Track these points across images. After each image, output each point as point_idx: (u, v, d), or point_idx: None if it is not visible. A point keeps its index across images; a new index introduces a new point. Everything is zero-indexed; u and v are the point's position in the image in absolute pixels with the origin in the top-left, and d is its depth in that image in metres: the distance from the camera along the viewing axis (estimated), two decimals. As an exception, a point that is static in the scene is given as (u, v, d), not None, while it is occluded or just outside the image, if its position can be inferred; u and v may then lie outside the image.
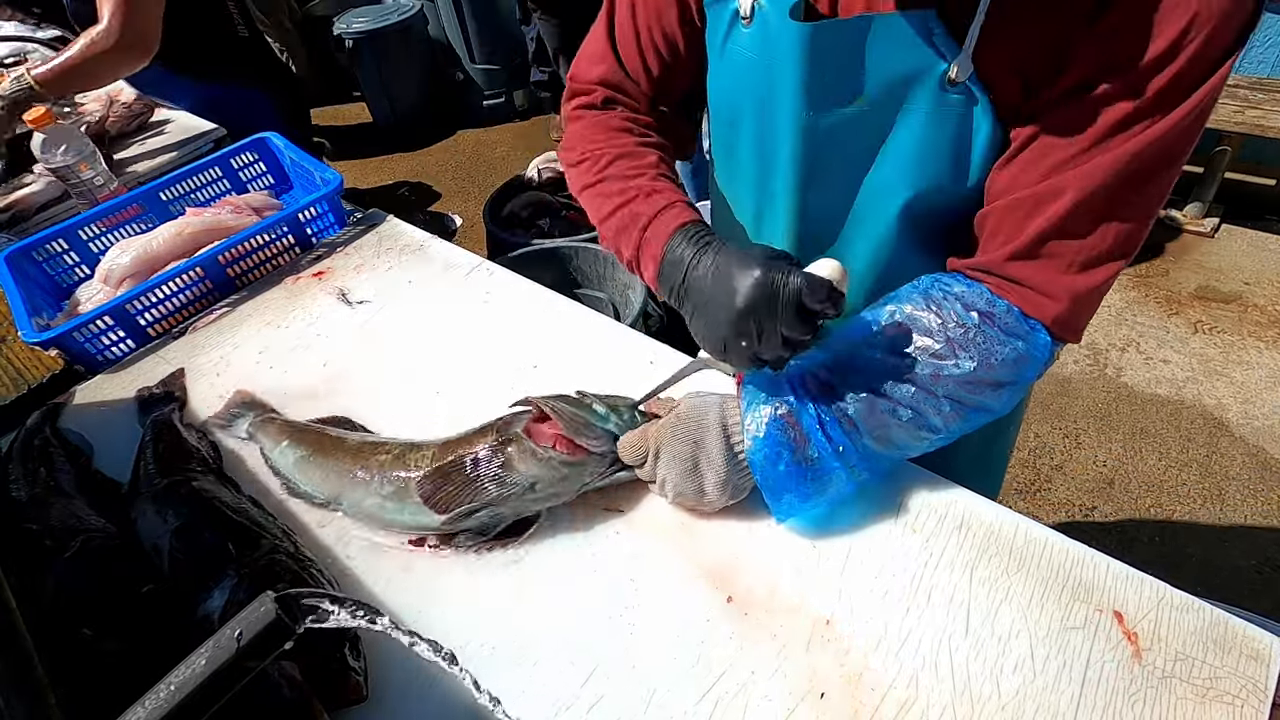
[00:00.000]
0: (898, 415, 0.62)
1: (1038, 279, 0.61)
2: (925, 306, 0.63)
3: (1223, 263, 2.56)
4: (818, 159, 0.70)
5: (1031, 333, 0.62)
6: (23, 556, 0.66)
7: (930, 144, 0.64)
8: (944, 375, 0.61)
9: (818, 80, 0.64)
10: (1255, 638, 0.59)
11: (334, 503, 0.76)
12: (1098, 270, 0.60)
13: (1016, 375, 0.62)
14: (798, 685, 0.59)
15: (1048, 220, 0.59)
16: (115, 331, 1.00)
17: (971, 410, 0.63)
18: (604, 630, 0.64)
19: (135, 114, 1.64)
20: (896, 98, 0.63)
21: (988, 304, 0.62)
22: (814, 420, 0.62)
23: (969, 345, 0.61)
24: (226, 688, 0.37)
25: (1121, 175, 0.56)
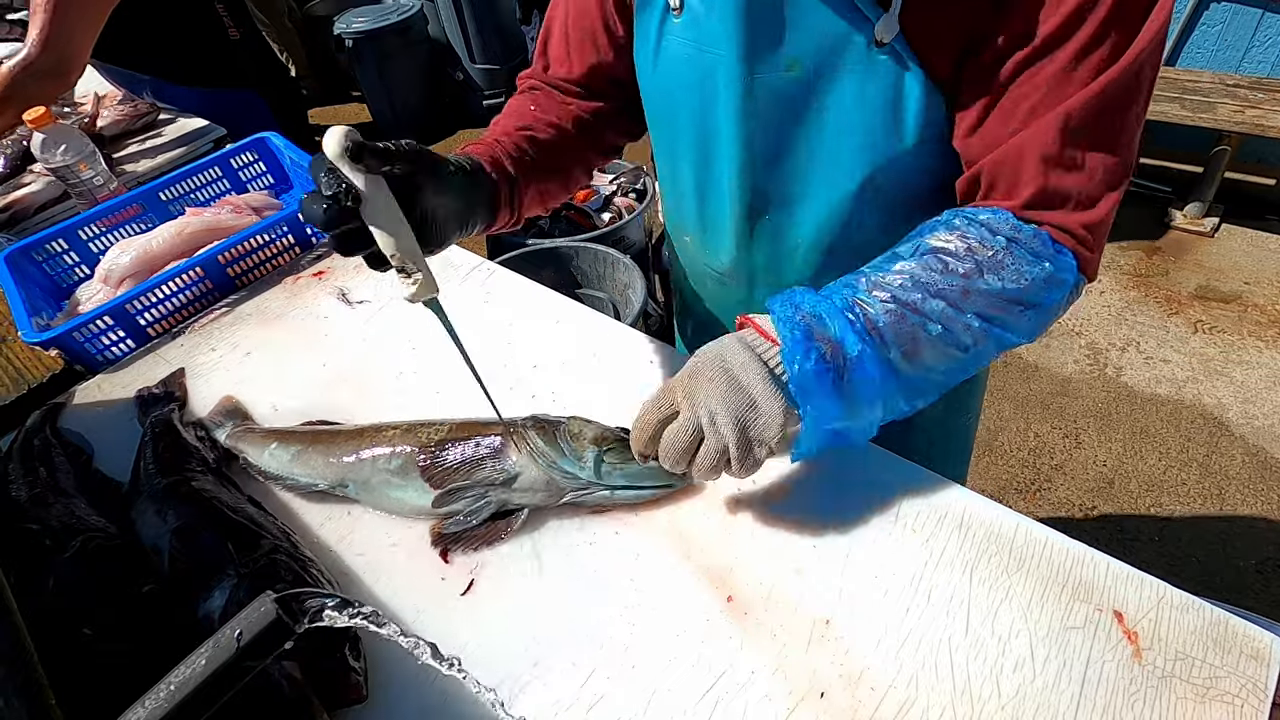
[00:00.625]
0: (928, 330, 0.60)
1: (1059, 221, 0.63)
2: (950, 233, 0.64)
3: (1223, 263, 2.56)
4: (761, 130, 0.72)
5: (1059, 255, 0.63)
6: (23, 556, 0.66)
7: (865, 106, 0.66)
8: (973, 291, 0.61)
9: (752, 47, 0.67)
10: (1255, 638, 0.59)
11: (338, 487, 0.76)
12: (1100, 204, 0.62)
13: (1044, 297, 0.63)
14: (798, 685, 0.59)
15: (1045, 159, 0.61)
16: (115, 331, 1.00)
17: (1000, 330, 0.63)
18: (604, 630, 0.64)
19: (140, 114, 1.64)
20: (829, 62, 0.65)
21: (1013, 228, 0.62)
22: (843, 322, 0.60)
23: (997, 265, 0.61)
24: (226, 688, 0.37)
25: (1100, 105, 0.58)
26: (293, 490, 0.78)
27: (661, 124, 0.82)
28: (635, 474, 0.70)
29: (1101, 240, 0.65)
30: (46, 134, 1.25)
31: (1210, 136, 2.51)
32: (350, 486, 0.76)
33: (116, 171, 1.46)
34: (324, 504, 0.77)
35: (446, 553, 0.71)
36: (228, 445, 0.84)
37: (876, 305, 0.61)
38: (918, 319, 0.60)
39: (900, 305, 0.60)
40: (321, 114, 4.43)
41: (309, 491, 0.78)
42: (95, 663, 0.58)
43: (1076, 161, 0.61)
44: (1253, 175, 2.79)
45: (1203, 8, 2.59)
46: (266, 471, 0.80)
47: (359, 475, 0.75)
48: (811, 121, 0.70)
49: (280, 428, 0.85)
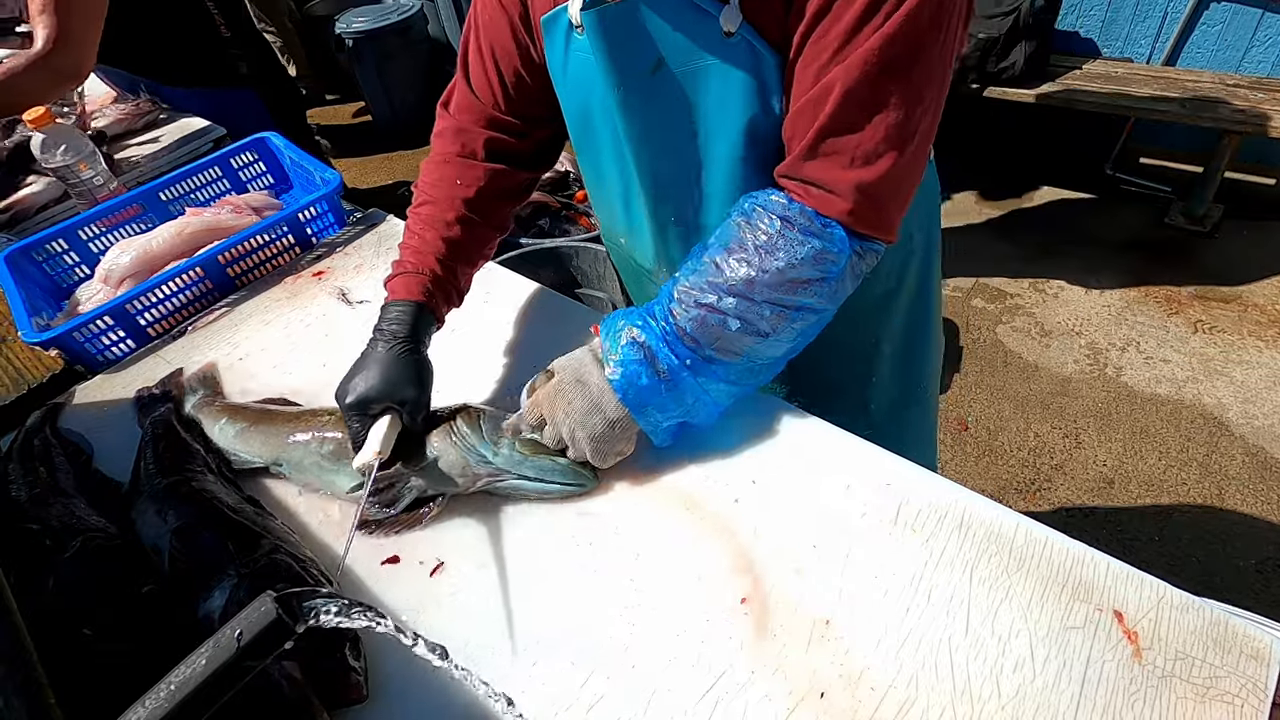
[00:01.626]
0: (727, 325, 0.67)
1: (824, 177, 0.66)
2: (740, 221, 0.69)
3: (1223, 262, 2.56)
4: (647, 130, 0.77)
5: (826, 229, 0.66)
6: (23, 556, 0.66)
7: (732, 92, 0.71)
8: (756, 281, 0.66)
9: (615, 56, 0.72)
10: (1255, 638, 0.59)
11: (274, 465, 0.79)
12: (879, 162, 0.64)
13: (823, 271, 0.67)
14: (798, 685, 0.59)
15: (823, 118, 0.64)
16: (115, 331, 1.00)
17: (794, 311, 0.68)
18: (604, 630, 0.64)
19: (142, 113, 1.64)
20: (687, 59, 0.70)
21: (783, 209, 0.67)
22: (659, 339, 0.68)
23: (773, 250, 0.66)
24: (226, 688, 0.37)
25: (876, 66, 0.61)
26: (237, 466, 0.81)
27: (580, 138, 0.86)
28: (544, 468, 0.72)
29: (885, 199, 0.67)
30: (46, 134, 1.25)
31: (1210, 136, 2.50)
32: (285, 466, 0.79)
33: (116, 171, 1.46)
34: (323, 503, 0.77)
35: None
36: (190, 414, 0.87)
37: (684, 314, 0.68)
38: (718, 318, 0.67)
39: (702, 309, 0.67)
40: (321, 114, 4.43)
41: (255, 468, 0.80)
42: (95, 663, 0.58)
43: (853, 122, 0.63)
44: (1253, 175, 2.78)
45: (1203, 8, 2.59)
46: (217, 445, 0.82)
47: (292, 457, 0.78)
48: (688, 116, 0.75)
49: (234, 404, 0.87)
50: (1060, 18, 2.75)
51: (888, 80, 0.62)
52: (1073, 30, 2.82)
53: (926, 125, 0.66)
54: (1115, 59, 2.78)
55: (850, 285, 0.71)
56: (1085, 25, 2.80)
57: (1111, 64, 2.73)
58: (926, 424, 1.17)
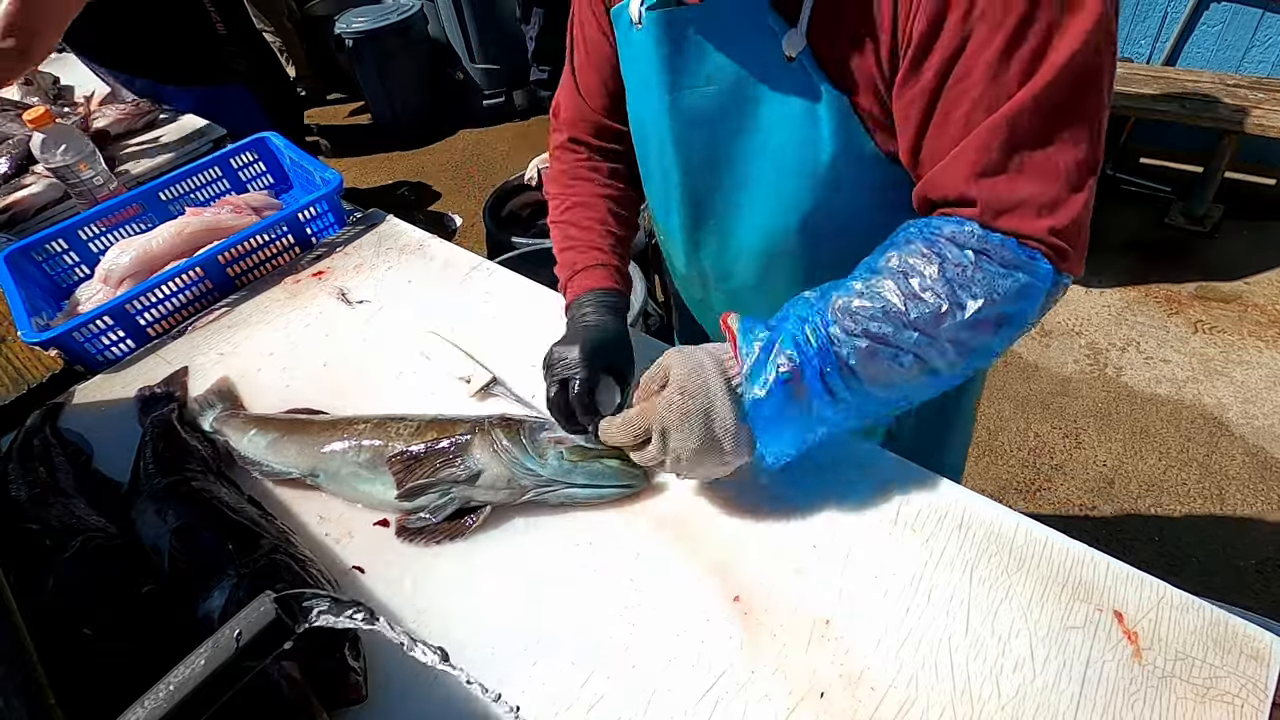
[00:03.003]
0: (900, 361, 0.60)
1: (1020, 228, 0.60)
2: (919, 251, 0.62)
3: (1223, 262, 2.56)
4: (692, 141, 0.75)
5: (1032, 261, 0.60)
6: (23, 556, 0.66)
7: (781, 121, 0.68)
8: (947, 316, 0.59)
9: (672, 63, 0.70)
10: (1255, 638, 0.59)
11: (310, 476, 0.78)
12: (1065, 207, 0.59)
13: (1020, 308, 0.61)
14: (798, 685, 0.59)
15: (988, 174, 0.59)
16: (115, 331, 1.00)
17: (973, 352, 0.62)
18: (604, 630, 0.64)
19: (142, 113, 1.64)
20: (743, 77, 0.68)
21: (980, 239, 0.60)
22: (816, 372, 0.61)
23: (969, 283, 0.59)
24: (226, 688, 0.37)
25: (1042, 107, 0.56)
26: (269, 477, 0.80)
27: (635, 132, 0.84)
28: (595, 473, 0.71)
29: (1078, 238, 0.61)
30: (46, 134, 1.25)
31: (1210, 136, 2.50)
32: (321, 476, 0.77)
33: (116, 171, 1.46)
34: (323, 503, 0.77)
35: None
36: (213, 429, 0.85)
37: (847, 344, 0.60)
38: (890, 353, 0.60)
39: (872, 340, 0.60)
40: (321, 114, 4.42)
41: (284, 479, 0.79)
42: (95, 663, 0.58)
43: (1027, 166, 0.58)
44: (1253, 175, 2.78)
45: (1203, 8, 2.58)
46: (246, 457, 0.81)
47: (329, 466, 0.76)
48: (735, 135, 0.72)
49: (262, 414, 0.86)
50: (1060, 18, 2.74)
51: (1060, 115, 0.57)
52: (1073, 30, 2.81)
53: (1099, 157, 0.60)
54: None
55: (1031, 324, 0.65)
56: (1085, 25, 2.80)
57: (1111, 64, 2.73)
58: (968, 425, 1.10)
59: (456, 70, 4.11)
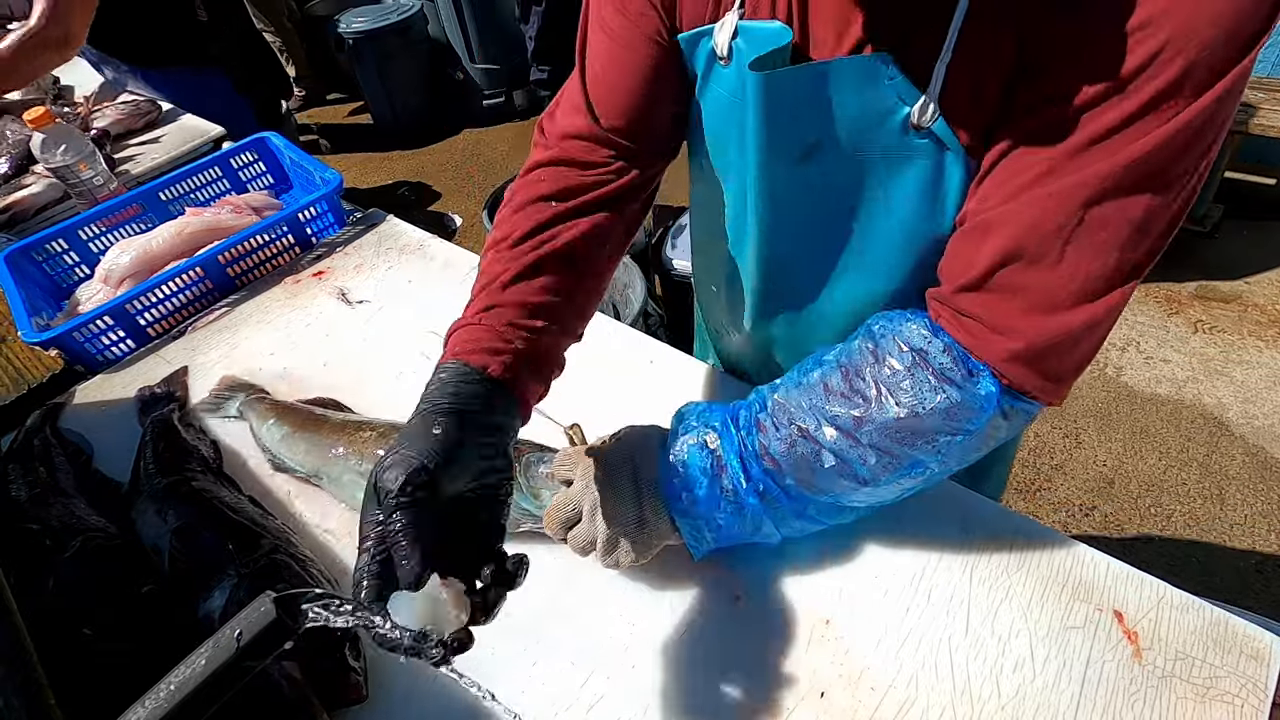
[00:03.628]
0: (821, 459, 0.56)
1: (992, 316, 0.53)
2: (865, 344, 0.58)
3: (1223, 262, 2.56)
4: (782, 207, 0.66)
5: (970, 379, 0.53)
6: (23, 556, 0.66)
7: (900, 195, 0.60)
8: (867, 421, 0.54)
9: (773, 121, 0.60)
10: (1255, 637, 0.59)
11: (315, 477, 0.78)
12: (1065, 312, 0.51)
13: (950, 427, 0.54)
14: (798, 685, 0.59)
15: (1001, 246, 0.51)
16: (115, 331, 1.00)
17: (906, 466, 0.56)
18: (604, 630, 0.64)
19: (143, 113, 1.64)
20: (856, 145, 0.58)
21: (924, 340, 0.54)
22: (734, 451, 0.59)
23: (895, 390, 0.54)
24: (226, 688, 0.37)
25: (1097, 193, 0.48)
26: (280, 470, 0.80)
27: (706, 167, 0.73)
28: None
29: (1058, 363, 0.52)
30: (46, 134, 1.25)
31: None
32: (324, 479, 0.77)
33: (117, 171, 1.46)
34: (323, 503, 0.77)
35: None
36: (239, 412, 0.87)
37: (773, 431, 0.58)
38: (810, 448, 0.56)
39: (795, 430, 0.57)
40: (321, 114, 4.42)
41: (293, 475, 0.80)
42: (95, 663, 0.58)
43: (1050, 255, 0.50)
44: (1253, 175, 2.78)
45: (1203, 8, 2.59)
46: (263, 444, 0.82)
47: (332, 470, 0.76)
48: (843, 206, 0.63)
49: (284, 403, 0.87)
50: (1060, 18, 2.74)
51: (1120, 209, 0.48)
52: (1073, 30, 2.82)
53: (1138, 272, 0.51)
54: (1115, 59, 2.78)
55: (984, 449, 0.57)
56: (1085, 25, 2.80)
57: (1111, 64, 2.73)
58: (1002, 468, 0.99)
59: (456, 70, 4.11)
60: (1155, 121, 0.46)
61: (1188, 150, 0.47)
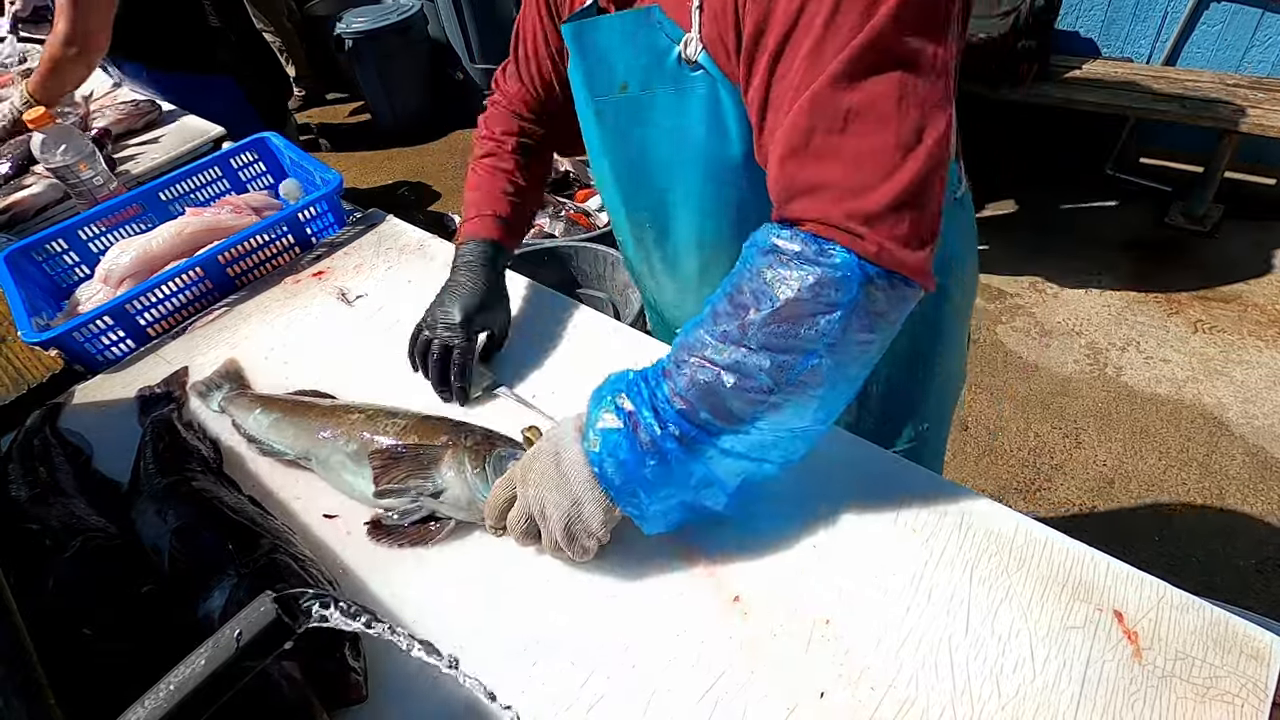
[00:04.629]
0: (722, 381, 0.57)
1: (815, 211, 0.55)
2: (740, 267, 0.60)
3: (1223, 262, 2.56)
4: (616, 145, 0.80)
5: (824, 255, 0.54)
6: (23, 556, 0.66)
7: (688, 120, 0.71)
8: (749, 324, 0.56)
9: (590, 72, 0.75)
10: (1255, 637, 0.59)
11: (304, 458, 0.80)
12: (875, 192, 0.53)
13: (822, 304, 0.54)
14: (798, 685, 0.59)
15: (791, 154, 0.56)
16: (115, 331, 1.00)
17: (798, 359, 0.56)
18: (604, 630, 0.64)
19: (143, 113, 1.64)
20: (649, 82, 0.71)
21: (774, 235, 0.57)
22: (645, 403, 0.59)
23: (766, 286, 0.56)
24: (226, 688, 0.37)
25: (845, 82, 0.53)
26: (269, 455, 0.82)
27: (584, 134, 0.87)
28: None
29: (898, 229, 0.54)
30: (46, 134, 1.25)
31: (1210, 136, 2.50)
32: (313, 461, 0.79)
33: (117, 172, 1.46)
34: (324, 504, 0.77)
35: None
36: (220, 407, 0.88)
37: (677, 372, 0.59)
38: (710, 373, 0.57)
39: (693, 362, 0.58)
40: (321, 114, 4.43)
41: (283, 460, 0.81)
42: (95, 663, 0.58)
43: (831, 147, 0.54)
44: (1253, 175, 2.78)
45: (1203, 8, 2.59)
46: (249, 434, 0.83)
47: (321, 452, 0.78)
48: (650, 137, 0.76)
49: (268, 394, 0.88)
50: (1060, 18, 2.75)
51: (870, 91, 0.52)
52: (1073, 30, 2.82)
53: (931, 137, 0.54)
54: (1115, 59, 2.78)
55: (866, 328, 0.57)
56: (1085, 25, 2.80)
57: (1111, 64, 2.73)
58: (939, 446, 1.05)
59: (456, 70, 4.11)
60: (851, 14, 0.52)
61: (909, 16, 0.52)
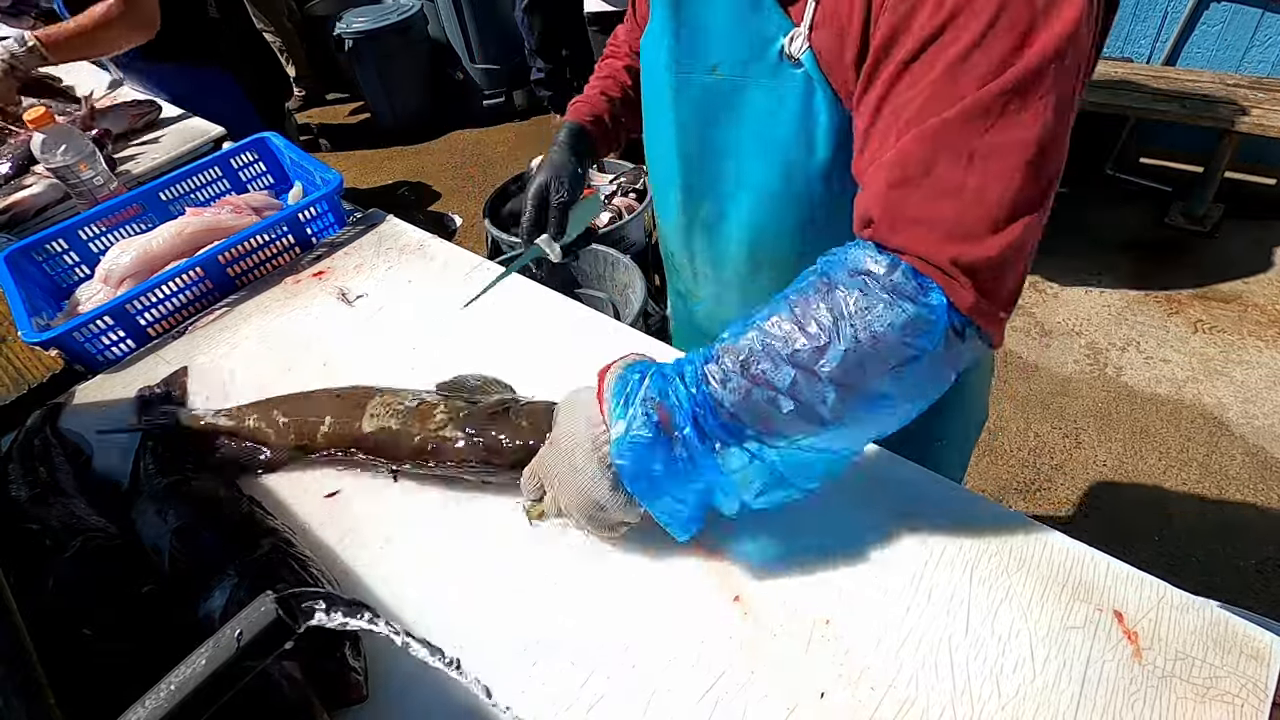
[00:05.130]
0: (778, 405, 0.53)
1: (918, 248, 0.52)
2: (814, 278, 0.55)
3: (1223, 262, 2.56)
4: (689, 126, 0.76)
5: (921, 292, 0.52)
6: (23, 556, 0.66)
7: (777, 117, 0.68)
8: (825, 350, 0.52)
9: (680, 46, 0.72)
10: (1255, 637, 0.59)
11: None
12: (987, 241, 0.51)
13: (908, 346, 0.52)
14: (798, 685, 0.59)
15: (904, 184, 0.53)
16: (115, 331, 1.00)
17: (866, 400, 0.54)
18: (604, 630, 0.64)
19: (143, 113, 1.64)
20: (744, 71, 0.68)
21: (872, 261, 0.53)
22: (687, 413, 0.55)
23: (851, 313, 0.52)
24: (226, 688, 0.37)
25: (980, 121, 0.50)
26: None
27: (644, 104, 0.86)
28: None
29: (993, 284, 0.52)
30: (47, 134, 1.25)
31: (1210, 136, 2.50)
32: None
33: (117, 172, 1.46)
34: (324, 504, 0.77)
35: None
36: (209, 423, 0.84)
37: (724, 381, 0.55)
38: (767, 395, 0.53)
39: (749, 380, 0.54)
40: (321, 114, 4.43)
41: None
42: (95, 663, 0.58)
43: (951, 184, 0.51)
44: (1253, 175, 2.78)
45: (1203, 8, 2.59)
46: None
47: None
48: (731, 125, 0.72)
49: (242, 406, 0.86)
50: (1060, 18, 2.75)
51: (1000, 135, 0.49)
52: (1073, 30, 2.81)
53: (1051, 196, 0.52)
54: (1115, 59, 2.78)
55: (944, 379, 0.56)
56: (1085, 25, 2.80)
57: (1111, 64, 2.73)
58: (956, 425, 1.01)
59: (456, 70, 4.11)
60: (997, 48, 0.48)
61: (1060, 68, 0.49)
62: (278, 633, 0.38)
